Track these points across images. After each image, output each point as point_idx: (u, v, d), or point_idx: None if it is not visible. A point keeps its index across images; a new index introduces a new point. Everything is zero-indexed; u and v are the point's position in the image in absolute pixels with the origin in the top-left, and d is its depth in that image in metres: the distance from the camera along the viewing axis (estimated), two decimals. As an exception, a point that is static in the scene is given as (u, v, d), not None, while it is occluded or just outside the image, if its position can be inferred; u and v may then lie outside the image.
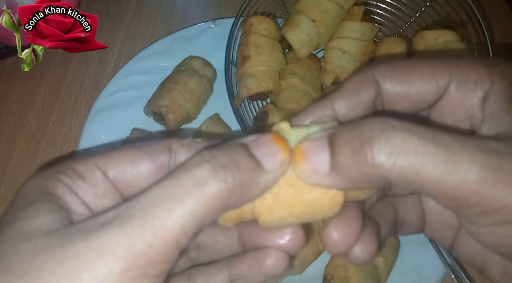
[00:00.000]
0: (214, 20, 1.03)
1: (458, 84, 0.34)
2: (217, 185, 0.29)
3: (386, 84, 0.36)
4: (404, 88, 0.35)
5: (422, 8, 0.92)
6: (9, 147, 0.90)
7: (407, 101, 0.36)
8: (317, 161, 0.31)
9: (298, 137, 0.33)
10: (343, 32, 0.89)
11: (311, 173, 0.31)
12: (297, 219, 0.34)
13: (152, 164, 0.36)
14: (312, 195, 0.32)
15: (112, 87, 0.92)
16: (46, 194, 0.32)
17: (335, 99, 0.37)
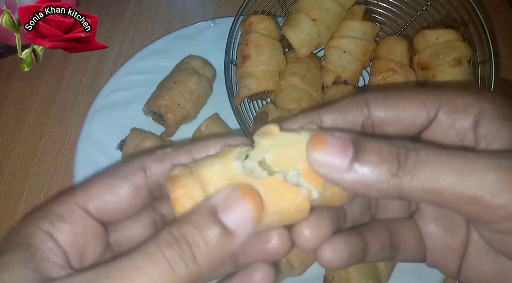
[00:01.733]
0: (214, 19, 1.03)
1: (448, 111, 0.36)
2: (187, 267, 0.30)
3: (377, 109, 0.38)
4: (395, 113, 0.38)
5: (423, 7, 0.91)
6: (7, 147, 0.90)
7: (398, 125, 0.38)
8: (338, 155, 0.31)
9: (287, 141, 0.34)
10: (344, 31, 0.89)
11: (325, 163, 0.31)
12: (267, 227, 0.35)
13: (130, 187, 0.37)
14: (276, 206, 0.32)
15: (111, 87, 0.92)
16: (22, 245, 0.33)
17: (323, 113, 0.39)
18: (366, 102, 0.38)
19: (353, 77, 0.90)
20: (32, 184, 0.85)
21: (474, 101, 0.35)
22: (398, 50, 0.89)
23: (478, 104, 0.35)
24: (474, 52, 0.84)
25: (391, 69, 0.86)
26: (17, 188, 0.85)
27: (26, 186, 0.85)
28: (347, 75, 0.89)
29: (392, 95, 0.38)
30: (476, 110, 0.35)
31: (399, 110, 0.37)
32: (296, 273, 0.72)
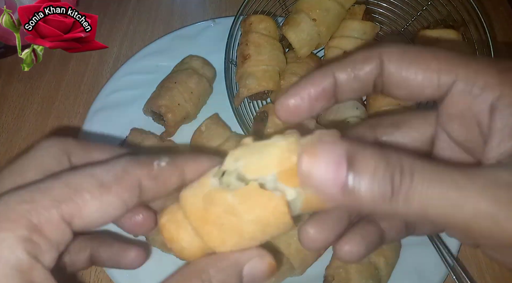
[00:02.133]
0: (214, 19, 1.02)
1: (464, 87, 0.33)
2: None
3: (390, 67, 0.35)
4: (406, 75, 0.35)
5: (424, 7, 0.91)
6: (7, 147, 0.89)
7: (405, 90, 0.36)
8: (331, 173, 0.29)
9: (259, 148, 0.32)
10: (344, 31, 0.89)
11: (316, 180, 0.29)
12: (253, 240, 0.33)
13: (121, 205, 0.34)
14: (252, 214, 0.31)
15: (111, 87, 0.92)
16: None
17: (336, 69, 0.36)
18: (380, 58, 0.35)
19: (353, 77, 0.90)
20: (32, 184, 0.85)
21: (495, 82, 0.32)
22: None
23: (499, 86, 0.32)
24: (474, 52, 0.84)
25: (391, 69, 0.86)
26: (17, 188, 0.85)
27: (26, 186, 0.85)
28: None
29: (409, 55, 0.35)
30: (496, 93, 0.32)
31: (411, 75, 0.34)
32: (296, 273, 0.72)
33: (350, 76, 0.36)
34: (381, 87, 0.37)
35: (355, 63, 0.37)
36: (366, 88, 0.37)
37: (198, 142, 0.82)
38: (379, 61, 0.36)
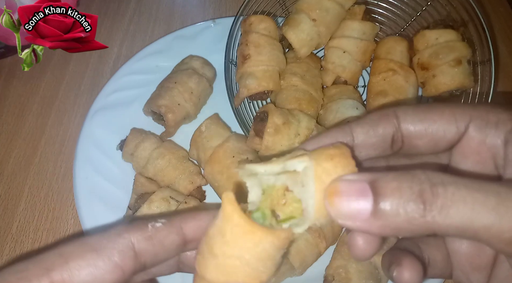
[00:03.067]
0: (214, 19, 1.03)
1: (479, 126, 0.36)
2: None
3: (407, 121, 0.38)
4: (424, 126, 0.37)
5: (423, 7, 0.91)
6: (7, 147, 0.90)
7: (427, 138, 0.37)
8: (358, 204, 0.30)
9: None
10: (343, 31, 0.89)
11: (348, 215, 0.30)
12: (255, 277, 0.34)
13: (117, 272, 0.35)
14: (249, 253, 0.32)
15: (111, 87, 0.92)
16: None
17: (354, 127, 0.39)
18: (395, 115, 0.38)
19: (353, 77, 0.90)
20: (32, 184, 0.85)
21: (506, 117, 0.35)
22: (398, 50, 0.89)
23: (510, 121, 0.34)
24: (474, 52, 0.84)
25: (391, 69, 0.86)
26: (17, 188, 0.85)
27: (26, 186, 0.85)
28: (347, 75, 0.89)
29: (422, 108, 0.38)
30: (509, 127, 0.34)
31: (429, 123, 0.37)
32: (296, 273, 0.72)
33: (370, 133, 0.38)
34: (401, 141, 0.39)
35: (372, 120, 0.39)
36: (385, 145, 0.39)
37: (198, 142, 0.82)
38: (394, 116, 0.38)
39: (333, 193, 0.31)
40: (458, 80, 0.82)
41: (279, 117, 0.74)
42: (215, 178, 0.78)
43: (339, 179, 0.32)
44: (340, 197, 0.31)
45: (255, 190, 0.36)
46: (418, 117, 0.37)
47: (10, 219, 0.81)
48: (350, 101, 0.86)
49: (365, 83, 0.94)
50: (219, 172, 0.77)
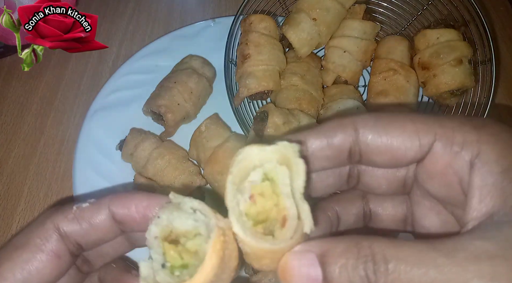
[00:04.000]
0: (214, 19, 1.02)
1: (444, 146, 0.34)
2: None
3: (366, 134, 0.35)
4: (385, 141, 0.35)
5: (424, 6, 0.91)
6: (7, 147, 0.89)
7: (387, 155, 0.35)
8: (309, 282, 0.30)
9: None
10: (344, 31, 0.89)
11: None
12: None
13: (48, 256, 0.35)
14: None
15: (111, 87, 0.92)
16: None
17: (309, 137, 0.36)
18: (354, 126, 0.35)
19: (353, 77, 0.90)
20: (31, 184, 0.85)
21: (473, 139, 0.32)
22: (398, 50, 0.89)
23: (477, 143, 0.32)
24: (475, 52, 0.83)
25: (392, 69, 0.86)
26: (17, 188, 0.85)
27: (25, 186, 0.85)
28: (348, 75, 0.89)
29: (383, 120, 0.35)
30: (475, 151, 0.32)
31: (389, 138, 0.34)
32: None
33: (323, 144, 0.36)
34: (358, 156, 0.37)
35: (328, 130, 0.36)
36: (340, 157, 0.37)
37: (197, 142, 0.82)
38: (353, 128, 0.36)
39: (284, 270, 0.31)
40: (459, 80, 0.82)
41: (279, 117, 0.74)
42: (215, 178, 0.78)
43: (290, 254, 0.31)
44: (292, 276, 0.30)
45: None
46: (377, 131, 0.35)
47: (9, 219, 0.81)
48: (351, 101, 0.85)
49: (366, 83, 0.94)
50: (219, 172, 0.77)
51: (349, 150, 0.36)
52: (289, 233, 0.31)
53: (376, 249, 0.28)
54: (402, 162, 0.36)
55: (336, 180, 0.39)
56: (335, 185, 0.40)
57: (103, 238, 0.39)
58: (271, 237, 0.31)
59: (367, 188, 0.41)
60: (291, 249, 0.31)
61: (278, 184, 0.32)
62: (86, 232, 0.37)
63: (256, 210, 0.33)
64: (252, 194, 0.33)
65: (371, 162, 0.37)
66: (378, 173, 0.39)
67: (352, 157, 0.37)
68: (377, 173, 0.39)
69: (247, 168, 0.33)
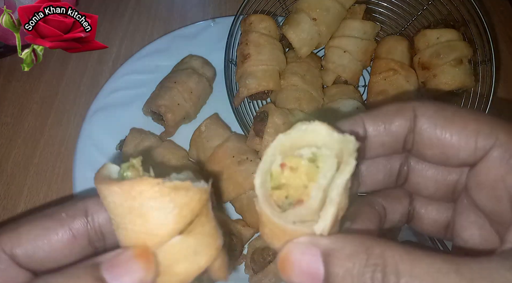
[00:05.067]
0: (214, 19, 1.02)
1: (501, 155, 0.30)
2: None
3: (424, 123, 0.33)
4: (440, 134, 0.32)
5: (424, 6, 0.91)
6: (7, 147, 0.89)
7: (438, 150, 0.33)
8: (308, 280, 0.28)
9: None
10: (344, 31, 0.89)
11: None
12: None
13: (66, 233, 0.33)
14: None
15: (111, 87, 0.92)
16: None
17: (367, 119, 0.35)
18: (414, 112, 0.33)
19: (353, 77, 0.90)
20: (31, 184, 0.85)
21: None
22: (398, 50, 0.89)
23: None
24: (475, 52, 0.83)
25: (392, 69, 0.86)
26: (17, 188, 0.84)
27: (25, 186, 0.85)
28: (348, 75, 0.89)
29: (444, 112, 0.32)
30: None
31: (446, 132, 0.32)
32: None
33: (381, 129, 0.34)
34: (411, 145, 0.35)
35: (387, 114, 0.35)
36: (396, 145, 0.35)
37: (197, 142, 0.82)
38: (412, 115, 0.34)
39: (284, 260, 0.29)
40: (459, 80, 0.82)
41: (279, 117, 0.74)
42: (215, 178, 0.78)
43: (293, 244, 0.29)
44: (291, 269, 0.29)
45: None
46: (436, 123, 0.32)
47: (9, 219, 0.81)
48: (351, 101, 0.85)
49: (366, 83, 0.94)
50: (219, 172, 0.77)
51: (404, 138, 0.34)
52: (292, 216, 0.29)
53: (388, 259, 0.26)
54: (452, 161, 0.34)
55: (386, 177, 0.38)
56: (384, 181, 0.38)
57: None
58: (275, 207, 0.30)
59: (414, 189, 0.39)
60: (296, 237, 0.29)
61: (318, 173, 0.31)
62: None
63: (282, 180, 0.31)
64: (284, 162, 0.31)
65: (420, 154, 0.35)
66: (428, 174, 0.37)
67: (406, 145, 0.35)
68: (427, 173, 0.37)
69: (302, 142, 0.32)
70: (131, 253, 0.30)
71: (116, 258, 0.30)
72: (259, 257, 0.71)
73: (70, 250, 0.34)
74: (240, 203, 0.76)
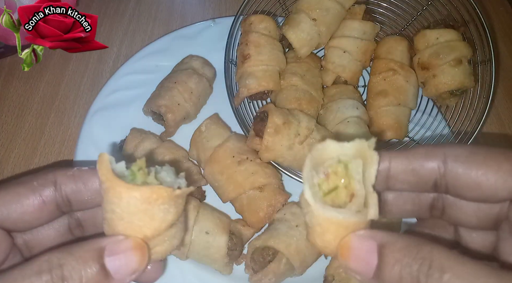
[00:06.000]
0: (214, 19, 1.02)
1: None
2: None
3: (459, 168, 0.35)
4: (475, 178, 0.34)
5: (424, 7, 0.91)
6: (7, 147, 0.89)
7: (477, 192, 0.34)
8: (364, 265, 0.32)
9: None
10: (344, 31, 0.89)
11: (355, 271, 0.33)
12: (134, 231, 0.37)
13: (37, 199, 0.38)
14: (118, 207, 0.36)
15: (111, 87, 0.92)
16: None
17: (394, 158, 0.37)
18: (444, 158, 0.35)
19: (353, 77, 0.90)
20: (32, 184, 0.85)
21: None
22: (398, 50, 0.89)
23: None
24: (474, 52, 0.84)
25: (391, 69, 0.86)
26: (17, 188, 0.85)
27: (26, 186, 0.85)
28: (347, 75, 0.89)
29: (477, 156, 0.34)
30: None
31: (482, 175, 0.33)
32: (296, 273, 0.71)
33: (408, 168, 0.37)
34: (445, 188, 0.36)
35: (415, 157, 0.37)
36: (425, 186, 0.37)
37: (198, 142, 0.82)
38: (442, 159, 0.35)
39: (345, 247, 0.33)
40: (459, 80, 0.82)
41: (279, 117, 0.74)
42: (215, 178, 0.78)
43: (353, 234, 0.33)
44: (350, 255, 0.33)
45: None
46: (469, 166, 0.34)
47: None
48: (350, 101, 0.85)
49: (365, 83, 0.94)
50: (219, 172, 0.77)
51: (434, 181, 0.36)
52: (354, 206, 0.35)
53: (436, 255, 0.29)
54: (492, 200, 0.35)
55: (415, 208, 0.40)
56: (414, 212, 0.41)
57: (94, 201, 0.42)
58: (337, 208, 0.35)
59: (454, 221, 0.40)
60: (355, 231, 0.34)
61: (351, 170, 0.36)
62: (78, 191, 0.40)
63: (327, 187, 0.36)
64: (327, 172, 0.37)
65: (459, 195, 0.37)
66: (468, 210, 0.38)
67: (438, 188, 0.37)
68: (467, 210, 0.38)
69: (323, 158, 0.37)
70: (130, 244, 0.34)
71: (117, 245, 0.34)
72: (259, 257, 0.71)
73: (40, 213, 0.39)
74: (240, 203, 0.77)
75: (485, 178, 0.34)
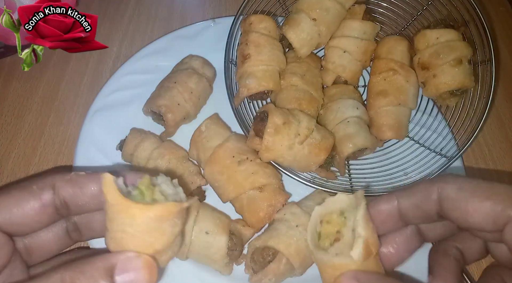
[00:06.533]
0: (214, 19, 1.02)
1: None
2: None
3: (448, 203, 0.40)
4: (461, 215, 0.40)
5: (424, 7, 0.91)
6: (7, 147, 0.89)
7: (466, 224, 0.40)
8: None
9: None
10: (344, 31, 0.89)
11: None
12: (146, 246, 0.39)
13: (36, 202, 0.40)
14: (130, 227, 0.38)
15: (111, 87, 0.92)
16: None
17: (400, 197, 0.43)
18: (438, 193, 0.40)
19: (353, 77, 0.90)
20: (31, 184, 0.85)
21: None
22: (398, 50, 0.89)
23: None
24: (475, 52, 0.83)
25: (392, 69, 0.86)
26: (17, 188, 0.85)
27: (25, 186, 0.85)
28: (347, 75, 0.89)
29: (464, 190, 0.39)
30: None
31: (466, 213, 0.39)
32: (296, 273, 0.71)
33: (413, 205, 0.42)
34: (447, 218, 0.42)
35: (416, 195, 0.43)
36: (432, 217, 0.42)
37: (198, 142, 0.82)
38: (438, 195, 0.41)
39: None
40: (459, 80, 0.82)
41: (279, 117, 0.74)
42: (215, 178, 0.78)
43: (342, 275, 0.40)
44: None
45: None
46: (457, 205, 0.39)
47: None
48: (351, 101, 0.85)
49: (366, 83, 0.94)
50: (219, 172, 0.77)
51: (437, 213, 0.42)
52: (334, 250, 0.42)
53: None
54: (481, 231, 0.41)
55: (446, 230, 0.46)
56: (446, 233, 0.46)
57: (90, 205, 0.43)
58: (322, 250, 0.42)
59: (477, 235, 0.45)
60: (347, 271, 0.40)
61: (347, 220, 0.43)
62: (76, 195, 0.42)
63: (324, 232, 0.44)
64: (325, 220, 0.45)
65: (458, 225, 0.42)
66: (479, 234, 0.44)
67: (444, 218, 0.42)
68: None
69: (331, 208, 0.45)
70: (141, 263, 0.36)
71: (128, 263, 0.36)
72: (259, 257, 0.71)
73: (40, 216, 0.40)
74: (240, 203, 0.77)
75: (468, 217, 0.39)
